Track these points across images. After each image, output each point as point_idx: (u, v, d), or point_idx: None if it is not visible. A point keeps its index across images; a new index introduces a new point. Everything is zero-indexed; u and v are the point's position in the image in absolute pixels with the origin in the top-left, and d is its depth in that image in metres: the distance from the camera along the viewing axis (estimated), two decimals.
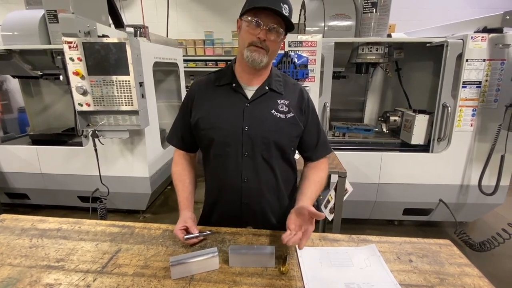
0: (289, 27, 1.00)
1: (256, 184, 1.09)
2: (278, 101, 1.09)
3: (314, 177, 1.14)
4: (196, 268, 0.88)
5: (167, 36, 3.89)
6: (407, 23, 4.56)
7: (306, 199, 1.04)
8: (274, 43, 0.99)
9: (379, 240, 1.07)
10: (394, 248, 1.03)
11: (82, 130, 2.48)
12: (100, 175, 2.47)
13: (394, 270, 0.91)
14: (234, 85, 1.08)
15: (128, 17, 5.50)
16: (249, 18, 0.96)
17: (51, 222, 1.17)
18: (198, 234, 1.01)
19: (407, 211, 2.73)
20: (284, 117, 1.08)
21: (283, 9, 0.93)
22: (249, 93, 1.08)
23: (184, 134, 1.18)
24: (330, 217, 1.93)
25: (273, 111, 1.07)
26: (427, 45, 2.44)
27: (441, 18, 5.01)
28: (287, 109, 1.09)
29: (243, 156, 1.06)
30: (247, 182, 1.08)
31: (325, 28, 2.58)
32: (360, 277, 0.88)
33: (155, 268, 0.91)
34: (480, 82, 2.29)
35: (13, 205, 3.13)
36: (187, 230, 1.02)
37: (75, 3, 2.43)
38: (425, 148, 2.55)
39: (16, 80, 3.18)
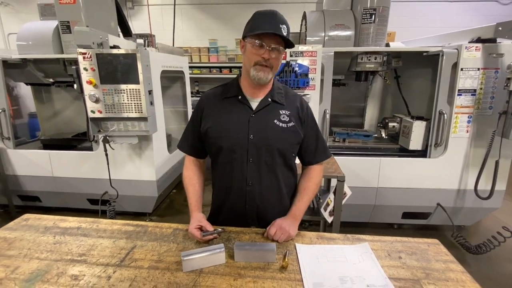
0: (289, 45, 1.11)
1: (259, 188, 1.20)
2: (280, 111, 1.20)
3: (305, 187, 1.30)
4: (205, 262, 0.98)
5: (173, 45, 4.02)
6: (407, 30, 4.67)
7: (295, 209, 1.24)
8: (276, 60, 1.11)
9: (372, 239, 1.16)
10: (385, 246, 1.12)
11: (94, 136, 2.60)
12: (110, 179, 2.58)
13: (384, 265, 1.00)
14: (240, 97, 1.20)
15: (135, 25, 5.68)
16: (254, 40, 1.07)
17: (71, 221, 1.28)
18: (214, 231, 1.12)
19: (406, 215, 2.80)
20: (285, 126, 1.19)
21: (282, 29, 1.05)
22: (254, 104, 1.19)
23: (194, 142, 1.29)
24: (329, 219, 2.02)
25: (275, 120, 1.18)
26: (424, 54, 2.53)
27: (440, 25, 5.13)
28: (288, 119, 1.20)
29: (248, 162, 1.17)
30: (251, 186, 1.19)
31: (325, 38, 2.69)
32: (353, 272, 0.97)
33: (168, 262, 1.01)
34: (475, 90, 2.38)
35: (25, 207, 3.24)
36: (201, 229, 1.12)
37: (87, 14, 2.57)
38: (422, 153, 2.63)
39: (26, 85, 3.31)
